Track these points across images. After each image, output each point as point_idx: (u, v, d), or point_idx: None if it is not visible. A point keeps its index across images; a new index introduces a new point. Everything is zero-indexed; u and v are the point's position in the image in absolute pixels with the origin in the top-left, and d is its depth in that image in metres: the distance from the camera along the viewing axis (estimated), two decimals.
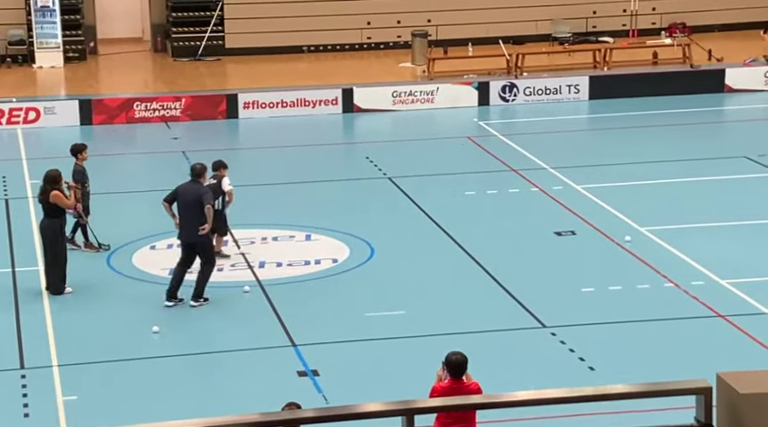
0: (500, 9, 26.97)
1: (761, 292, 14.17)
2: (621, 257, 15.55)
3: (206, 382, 12.51)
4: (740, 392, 4.19)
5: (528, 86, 24.04)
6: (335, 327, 13.71)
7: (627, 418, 7.21)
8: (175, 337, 13.62)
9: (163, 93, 24.01)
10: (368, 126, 23.10)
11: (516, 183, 18.85)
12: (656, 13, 27.33)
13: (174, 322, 13.98)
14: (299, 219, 17.26)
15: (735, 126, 22.54)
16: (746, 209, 17.24)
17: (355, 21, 27.24)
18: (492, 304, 14.21)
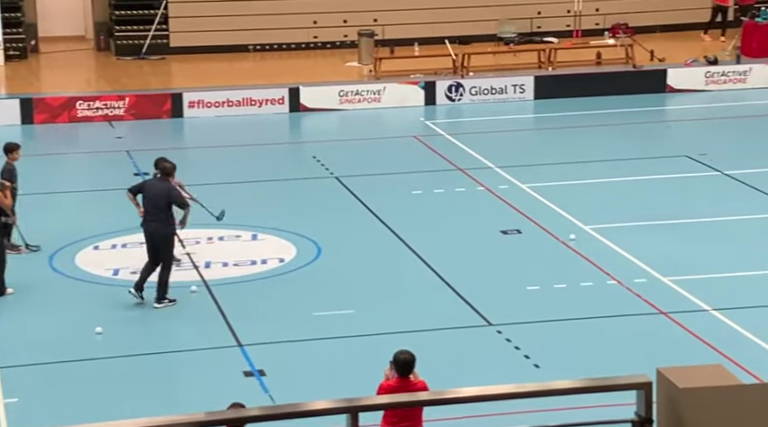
0: (446, 9, 27.07)
1: (701, 289, 14.37)
2: (566, 255, 15.69)
3: (152, 383, 12.44)
4: (679, 387, 4.27)
5: (474, 86, 24.16)
6: (282, 327, 13.70)
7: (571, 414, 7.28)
8: (119, 337, 13.52)
9: (106, 92, 23.81)
10: (314, 125, 23.09)
11: (463, 182, 18.94)
12: (600, 14, 27.58)
13: (119, 322, 13.88)
14: (246, 219, 17.22)
15: (676, 126, 22.80)
16: (688, 207, 17.46)
17: (301, 20, 27.20)
18: (439, 303, 14.27)
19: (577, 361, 12.45)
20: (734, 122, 22.47)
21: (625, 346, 12.91)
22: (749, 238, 16.22)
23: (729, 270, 15.01)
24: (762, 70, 24.71)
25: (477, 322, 13.69)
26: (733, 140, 21.31)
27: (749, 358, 12.29)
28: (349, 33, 26.96)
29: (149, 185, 14.47)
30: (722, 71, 24.62)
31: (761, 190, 18.03)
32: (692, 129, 22.31)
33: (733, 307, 13.84)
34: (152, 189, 14.29)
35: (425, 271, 15.25)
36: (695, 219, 16.91)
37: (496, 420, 9.71)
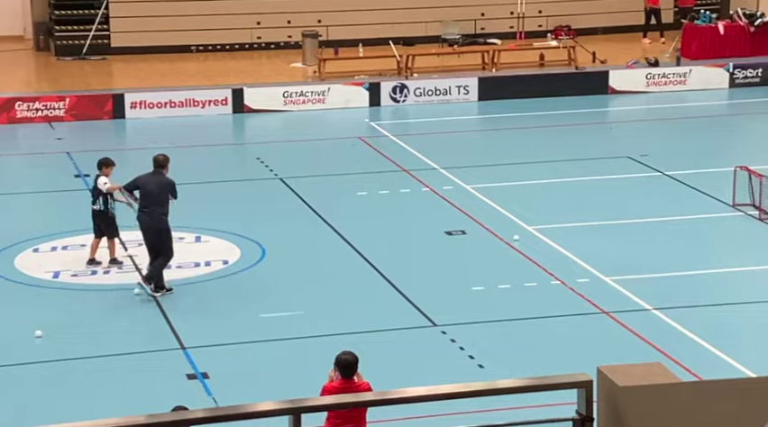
0: (390, 10, 27.13)
1: (643, 288, 14.53)
2: (510, 255, 15.79)
3: (93, 386, 12.33)
4: (619, 385, 4.32)
5: (419, 87, 24.24)
6: (226, 329, 13.65)
7: (515, 414, 7.33)
8: (61, 341, 13.38)
9: (46, 92, 23.57)
10: (258, 126, 23.03)
11: (408, 183, 18.99)
12: (542, 16, 27.79)
13: (59, 325, 13.74)
14: (189, 221, 17.11)
15: (618, 127, 23.03)
16: (630, 208, 17.64)
17: (245, 20, 27.11)
18: (384, 304, 14.30)
19: (521, 361, 12.54)
20: (674, 124, 22.75)
21: (568, 345, 13.02)
22: (690, 238, 16.43)
23: (670, 270, 15.19)
24: (701, 72, 25.04)
25: (422, 323, 13.74)
26: (674, 141, 21.57)
27: (688, 356, 12.45)
28: (293, 34, 26.93)
29: (145, 179, 14.59)
30: (663, 73, 24.92)
31: (701, 191, 18.26)
32: (634, 130, 22.55)
33: (673, 306, 14.01)
34: (150, 183, 14.46)
35: (370, 272, 15.26)
36: (637, 219, 17.10)
37: (441, 420, 9.74)
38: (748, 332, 13.60)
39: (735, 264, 15.46)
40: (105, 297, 14.39)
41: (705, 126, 22.52)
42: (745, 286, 14.81)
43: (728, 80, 25.00)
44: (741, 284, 14.91)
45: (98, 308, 14.19)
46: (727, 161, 18.56)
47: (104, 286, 14.95)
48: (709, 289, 14.65)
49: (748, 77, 25.02)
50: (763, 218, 16.90)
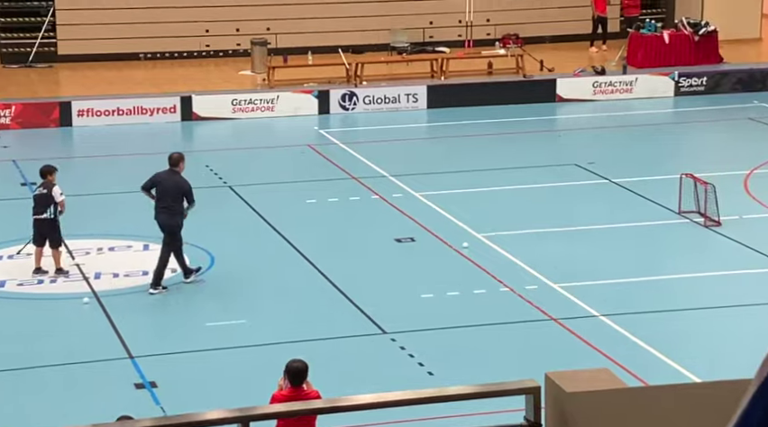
0: (339, 18, 27.14)
1: (590, 295, 14.63)
2: (459, 263, 15.84)
3: (41, 395, 12.20)
4: (566, 391, 4.33)
5: (368, 95, 24.26)
6: (174, 337, 13.57)
7: (464, 421, 7.36)
8: (6, 350, 13.22)
9: None
10: (207, 134, 22.92)
11: (357, 191, 19.00)
12: (490, 25, 27.94)
13: (4, 336, 13.58)
14: (137, 229, 17.00)
15: (566, 134, 23.19)
16: (577, 215, 17.77)
17: (193, 28, 27.00)
18: (333, 311, 14.28)
19: (470, 368, 12.57)
20: (621, 131, 22.94)
21: (516, 352, 13.08)
22: (636, 245, 16.57)
23: (618, 277, 15.30)
24: (647, 80, 25.29)
25: (371, 331, 13.74)
26: (620, 148, 21.75)
27: (635, 362, 12.55)
28: (242, 42, 26.85)
29: (161, 177, 14.89)
30: (609, 81, 25.13)
31: (647, 198, 18.43)
32: (581, 138, 22.72)
33: (621, 313, 14.12)
34: (166, 181, 14.75)
35: (319, 280, 15.24)
36: (584, 226, 17.22)
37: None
38: (694, 338, 13.74)
39: (681, 271, 15.62)
40: (53, 306, 14.23)
41: (651, 134, 22.74)
42: (690, 293, 14.97)
43: (674, 88, 25.27)
44: (687, 290, 15.06)
45: (45, 317, 14.03)
46: (673, 169, 18.74)
47: (51, 295, 14.79)
48: (656, 296, 14.79)
49: (693, 86, 25.32)
50: (709, 225, 17.09)
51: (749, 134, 22.37)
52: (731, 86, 25.37)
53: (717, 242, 16.57)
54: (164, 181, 14.88)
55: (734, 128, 22.89)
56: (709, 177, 17.59)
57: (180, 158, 15.09)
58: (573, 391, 4.32)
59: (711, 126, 23.45)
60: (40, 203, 15.18)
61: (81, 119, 23.03)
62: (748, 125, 22.98)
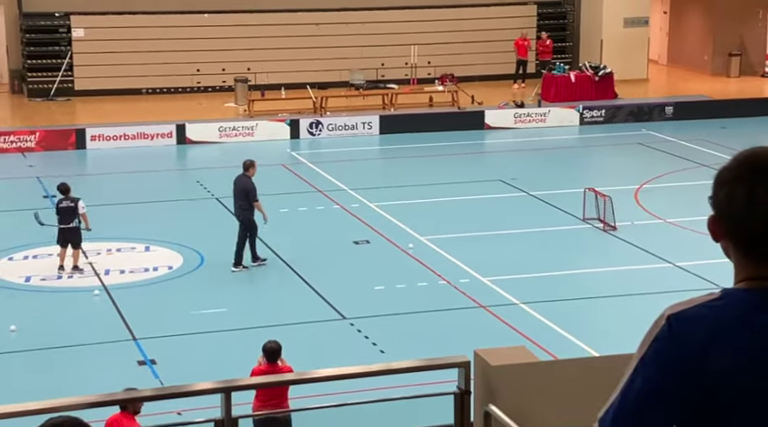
0: (307, 60, 27.08)
1: (512, 287, 14.66)
2: (405, 261, 15.82)
3: (58, 371, 12.03)
4: (491, 364, 4.34)
5: (331, 123, 24.19)
6: (171, 323, 13.43)
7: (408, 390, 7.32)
8: (31, 334, 13.03)
9: (20, 127, 22.99)
10: (198, 155, 22.75)
11: (322, 201, 18.93)
12: (431, 66, 27.99)
13: (30, 321, 13.38)
14: (140, 233, 16.84)
15: (492, 156, 23.27)
16: (502, 221, 17.79)
17: (187, 68, 26.82)
18: (302, 301, 14.21)
19: (414, 347, 12.54)
20: (537, 153, 23.04)
21: (452, 333, 13.08)
22: (549, 246, 16.63)
23: (534, 271, 15.35)
24: (558, 112, 25.44)
25: (333, 317, 13.68)
26: (536, 167, 21.83)
27: (548, 341, 12.58)
28: (227, 79, 26.70)
29: (235, 180, 15.25)
30: (527, 113, 25.25)
31: (558, 207, 18.52)
32: (505, 159, 22.78)
33: (537, 301, 14.16)
34: (236, 184, 15.21)
35: (290, 275, 15.17)
36: (507, 231, 17.26)
37: (348, 396, 9.69)
38: (596, 321, 13.81)
39: (585, 266, 15.70)
40: (70, 297, 14.05)
41: (561, 156, 22.86)
42: (592, 284, 15.05)
43: (579, 119, 25.43)
44: (590, 282, 15.14)
45: (63, 306, 13.85)
46: (578, 184, 18.84)
47: (68, 288, 14.60)
48: (565, 287, 14.84)
49: (594, 117, 25.51)
50: (607, 229, 17.20)
51: (639, 156, 22.57)
52: (624, 117, 25.60)
53: (614, 244, 16.68)
54: (236, 183, 15.18)
55: (627, 151, 23.08)
56: (607, 190, 17.71)
57: (251, 164, 15.21)
58: (497, 364, 4.32)
59: (609, 150, 23.63)
60: (66, 214, 14.97)
61: (94, 143, 22.77)
62: (638, 149, 23.19)
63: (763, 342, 2.14)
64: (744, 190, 2.14)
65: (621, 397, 2.19)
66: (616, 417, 2.18)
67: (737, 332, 2.14)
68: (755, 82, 28.83)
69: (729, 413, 2.14)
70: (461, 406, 4.51)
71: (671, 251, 15.85)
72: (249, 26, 27.05)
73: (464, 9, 28.26)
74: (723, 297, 2.19)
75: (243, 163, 15.38)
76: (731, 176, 2.18)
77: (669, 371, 2.15)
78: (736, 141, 21.87)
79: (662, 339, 2.17)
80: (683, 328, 2.16)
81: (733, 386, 2.14)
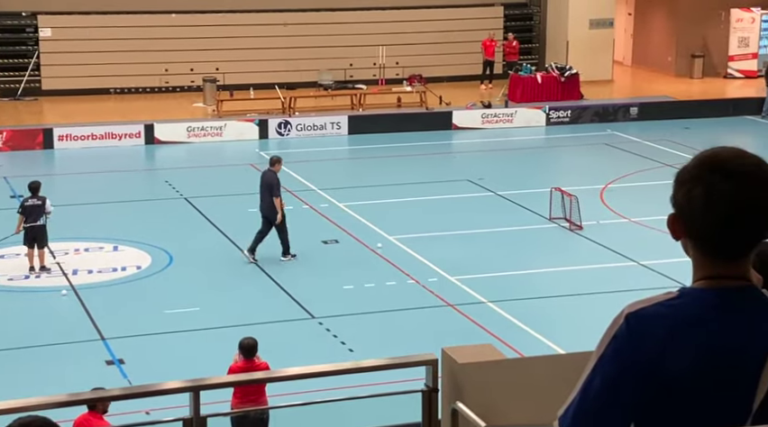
0: (276, 60, 27.01)
1: (480, 285, 14.72)
2: (374, 260, 15.83)
3: (27, 372, 11.91)
4: (459, 362, 4.36)
5: (300, 123, 24.15)
6: (139, 322, 13.34)
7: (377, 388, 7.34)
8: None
9: None
10: (166, 155, 22.61)
11: (291, 201, 18.87)
12: (399, 66, 28.03)
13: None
14: (108, 233, 16.72)
15: (460, 156, 23.34)
16: (469, 221, 17.85)
17: (155, 68, 26.64)
18: (272, 300, 14.18)
19: (382, 345, 12.57)
20: (504, 154, 23.14)
21: (420, 331, 13.10)
22: (516, 245, 16.71)
23: (501, 270, 15.42)
24: (524, 113, 25.57)
25: (302, 316, 13.66)
26: (503, 167, 21.92)
27: (515, 339, 12.65)
28: (195, 79, 26.56)
29: (261, 175, 15.56)
30: (494, 113, 25.35)
31: (524, 207, 18.61)
32: (472, 159, 22.86)
33: (503, 299, 14.22)
34: (261, 179, 15.51)
35: (259, 274, 15.12)
36: (475, 230, 17.31)
37: (318, 394, 9.69)
38: (562, 319, 13.90)
39: (551, 265, 15.78)
40: (37, 297, 13.91)
41: (527, 156, 22.98)
42: (559, 283, 15.13)
43: (545, 119, 25.57)
44: (556, 281, 15.23)
45: (30, 306, 13.70)
46: (545, 183, 18.94)
47: (36, 287, 14.46)
48: (531, 285, 14.93)
49: (560, 117, 25.67)
50: (573, 229, 17.31)
51: (604, 156, 22.74)
52: (590, 118, 25.78)
53: (580, 243, 16.80)
54: (262, 178, 15.45)
55: (592, 151, 23.25)
56: (573, 189, 17.82)
57: (277, 160, 15.50)
58: (464, 362, 4.34)
59: (575, 150, 23.79)
60: (34, 212, 14.84)
61: (61, 143, 22.57)
62: (603, 149, 23.36)
63: (720, 342, 2.17)
64: (702, 190, 2.16)
65: (581, 396, 2.20)
66: (576, 415, 2.19)
67: (694, 332, 2.17)
68: (718, 83, 29.15)
69: (685, 412, 2.17)
70: (429, 404, 4.53)
71: (635, 250, 15.99)
72: (217, 26, 26.94)
73: (432, 10, 28.33)
74: (681, 296, 2.22)
75: (270, 159, 15.67)
76: (690, 175, 2.21)
77: (627, 369, 2.17)
78: (699, 141, 22.12)
79: (621, 337, 2.19)
80: (642, 326, 2.18)
81: (689, 385, 2.16)
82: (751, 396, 2.16)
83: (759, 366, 2.16)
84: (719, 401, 2.16)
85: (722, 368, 2.16)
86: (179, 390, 4.16)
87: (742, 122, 25.80)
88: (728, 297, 2.20)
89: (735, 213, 2.14)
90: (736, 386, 2.16)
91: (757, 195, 2.15)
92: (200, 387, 4.02)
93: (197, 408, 4.05)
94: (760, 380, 2.16)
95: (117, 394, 4.42)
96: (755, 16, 29.46)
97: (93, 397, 4.52)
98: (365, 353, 12.22)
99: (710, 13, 29.59)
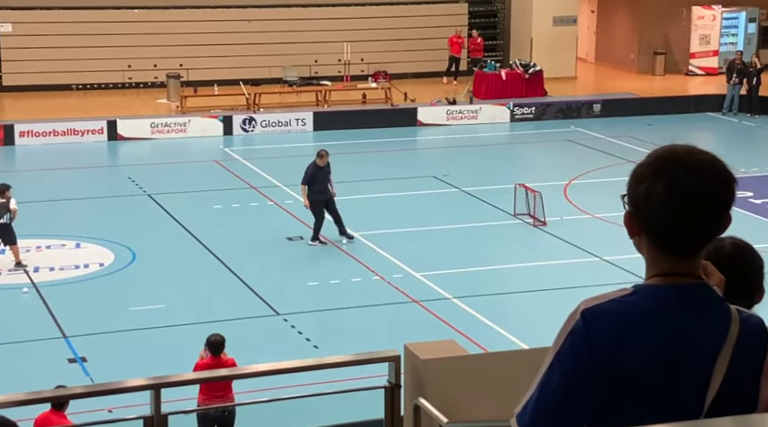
0: (240, 56, 26.89)
1: (444, 282, 14.76)
2: (339, 256, 15.81)
3: None
4: (421, 358, 4.36)
5: (264, 120, 24.07)
6: (102, 320, 13.24)
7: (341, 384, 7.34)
8: None
9: None
10: (130, 152, 22.43)
11: (256, 198, 18.83)
12: (364, 63, 28.01)
13: None
14: (70, 230, 16.56)
15: (425, 153, 23.38)
16: (434, 217, 17.90)
17: (118, 63, 26.41)
18: (236, 297, 14.13)
19: (347, 341, 12.57)
20: (468, 150, 23.22)
21: (384, 327, 13.12)
22: (480, 241, 16.79)
23: (466, 266, 15.47)
24: (489, 109, 25.67)
25: (267, 312, 13.63)
26: (468, 163, 22.00)
27: (479, 334, 12.71)
28: (159, 75, 26.36)
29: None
30: (459, 110, 25.43)
31: (489, 203, 18.69)
32: (437, 155, 22.91)
33: (467, 295, 14.27)
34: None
35: (224, 271, 15.06)
36: (439, 226, 17.36)
37: (282, 391, 9.67)
38: (526, 315, 13.97)
39: (515, 261, 15.87)
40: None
41: (492, 152, 23.07)
42: (522, 278, 15.22)
43: (509, 116, 25.69)
44: (520, 276, 15.31)
45: None
46: (509, 179, 19.02)
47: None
48: (495, 281, 15.00)
49: (524, 114, 25.80)
50: (537, 225, 17.41)
51: (568, 153, 22.90)
52: (554, 115, 25.94)
53: (544, 239, 16.90)
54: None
55: (556, 148, 23.40)
56: (537, 186, 17.92)
57: (320, 152, 16.30)
58: (426, 358, 4.35)
59: (539, 146, 23.93)
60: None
61: (22, 139, 22.30)
62: (567, 145, 23.52)
63: (673, 338, 2.19)
64: (664, 184, 2.18)
65: (538, 392, 2.21)
66: (534, 412, 2.20)
67: (649, 328, 2.19)
68: (679, 80, 29.45)
69: (639, 408, 2.19)
70: (392, 400, 4.53)
71: (598, 246, 16.12)
72: (181, 22, 26.76)
73: (397, 6, 28.34)
74: (635, 293, 2.24)
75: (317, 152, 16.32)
76: (650, 171, 2.22)
77: (584, 365, 2.18)
78: (662, 138, 22.21)
79: (578, 333, 2.21)
80: (597, 323, 2.20)
81: (643, 381, 2.18)
82: (703, 392, 2.18)
83: (711, 362, 2.18)
84: (673, 396, 2.19)
85: (675, 364, 2.18)
86: (141, 388, 4.13)
87: (703, 118, 26.10)
88: (682, 294, 2.23)
89: (693, 208, 2.16)
90: (689, 381, 2.19)
91: (715, 190, 2.17)
92: (161, 385, 4.00)
93: (158, 406, 4.03)
94: (712, 376, 2.18)
95: (79, 391, 4.38)
96: (716, 14, 29.80)
97: (53, 396, 4.48)
98: (330, 350, 12.22)
99: (672, 11, 29.89)
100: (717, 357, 2.18)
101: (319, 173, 16.22)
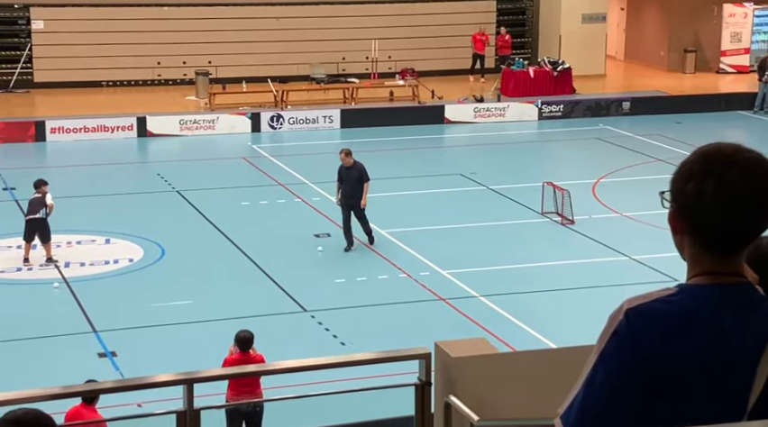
0: (269, 53, 26.96)
1: (472, 280, 14.74)
2: (366, 253, 15.83)
3: (19, 364, 11.89)
4: (452, 356, 4.36)
5: (292, 117, 24.13)
6: (132, 315, 13.33)
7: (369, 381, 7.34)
8: None
9: None
10: (159, 148, 22.57)
11: (283, 195, 18.88)
12: (392, 60, 28.01)
13: None
14: (100, 226, 16.69)
15: (452, 150, 23.34)
16: (462, 215, 17.87)
17: (148, 61, 26.57)
18: (263, 293, 14.18)
19: (375, 339, 12.58)
20: (496, 148, 23.16)
21: (412, 325, 13.12)
22: (508, 239, 16.73)
23: (493, 264, 15.44)
24: (517, 107, 25.59)
25: (294, 309, 13.67)
26: (495, 161, 21.94)
27: (507, 333, 12.68)
28: (188, 73, 26.50)
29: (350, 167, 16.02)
30: (487, 107, 25.37)
31: (516, 201, 18.63)
32: (464, 153, 22.88)
33: (495, 294, 14.24)
34: (348, 170, 15.95)
35: (252, 268, 15.12)
36: (467, 224, 17.33)
37: (310, 388, 9.69)
38: (554, 314, 13.93)
39: (543, 259, 15.81)
40: (29, 290, 13.88)
41: (519, 150, 23.00)
42: (550, 277, 15.16)
43: (537, 114, 25.59)
44: (548, 275, 15.26)
45: (22, 299, 13.68)
46: (537, 178, 18.96)
47: (28, 280, 14.43)
48: (523, 280, 14.95)
49: (552, 112, 25.69)
50: (565, 223, 17.34)
51: (596, 151, 22.78)
52: (582, 112, 25.81)
53: (572, 237, 16.82)
54: (348, 170, 16.02)
55: (584, 146, 23.28)
56: (565, 184, 17.85)
57: (344, 152, 16.26)
58: (457, 356, 4.35)
59: (567, 144, 23.83)
60: (35, 204, 14.90)
61: (54, 135, 22.50)
62: (596, 144, 23.40)
63: (717, 339, 2.17)
64: (712, 183, 2.15)
65: (584, 392, 2.19)
66: (580, 412, 2.18)
67: (691, 329, 2.17)
68: (710, 78, 29.20)
69: (682, 409, 2.17)
70: (422, 397, 4.53)
71: (627, 244, 16.03)
72: (210, 20, 26.88)
73: (425, 4, 28.31)
74: (679, 292, 2.21)
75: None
76: (698, 169, 2.19)
77: (629, 364, 2.16)
78: (691, 136, 22.18)
79: (622, 333, 2.19)
80: (641, 323, 2.18)
81: (686, 381, 2.16)
82: (746, 394, 2.16)
83: (755, 363, 2.16)
84: (715, 398, 2.16)
85: (717, 365, 2.16)
86: (173, 383, 4.15)
87: (734, 116, 25.86)
88: (725, 294, 2.20)
89: (740, 206, 2.14)
90: (732, 383, 2.16)
91: (763, 188, 2.15)
92: (194, 380, 4.02)
93: (191, 401, 4.05)
94: (756, 377, 2.15)
95: (109, 386, 4.41)
96: (748, 11, 29.51)
97: (85, 390, 4.51)
98: (357, 347, 12.24)
99: (703, 8, 29.63)
100: (760, 357, 2.15)
101: (345, 174, 16.00)
